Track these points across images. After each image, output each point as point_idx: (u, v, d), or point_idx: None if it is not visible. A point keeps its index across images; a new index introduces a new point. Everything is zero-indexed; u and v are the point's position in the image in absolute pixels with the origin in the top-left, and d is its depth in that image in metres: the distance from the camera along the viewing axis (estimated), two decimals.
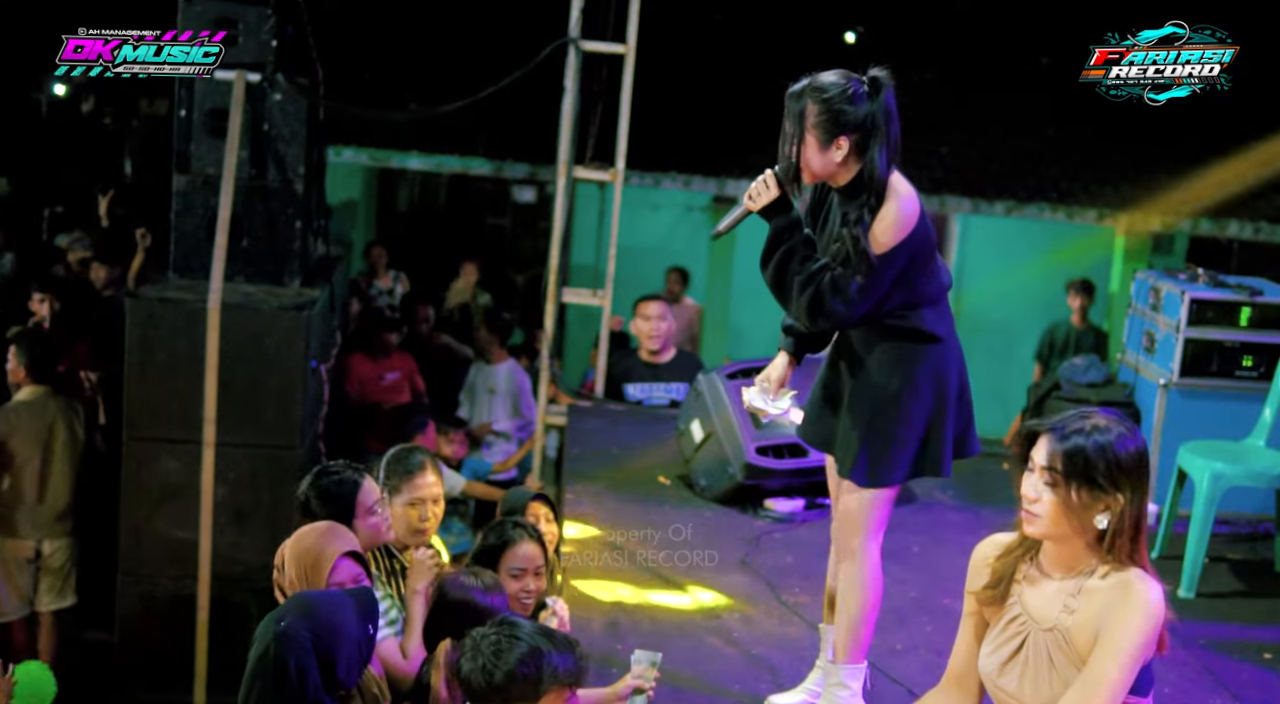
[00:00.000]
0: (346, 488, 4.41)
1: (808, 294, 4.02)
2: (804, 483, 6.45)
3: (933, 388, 4.14)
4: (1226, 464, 5.90)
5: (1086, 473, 2.98)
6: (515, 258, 15.88)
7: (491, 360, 9.52)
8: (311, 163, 7.74)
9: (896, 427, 4.13)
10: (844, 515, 4.30)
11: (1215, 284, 6.96)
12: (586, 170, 8.45)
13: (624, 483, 6.75)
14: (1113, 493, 3.00)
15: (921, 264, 4.10)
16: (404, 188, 16.61)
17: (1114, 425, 3.04)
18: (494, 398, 9.45)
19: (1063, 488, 3.00)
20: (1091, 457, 2.99)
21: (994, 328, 13.86)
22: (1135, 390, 7.18)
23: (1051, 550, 3.10)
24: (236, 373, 7.13)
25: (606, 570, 5.71)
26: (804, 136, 4.02)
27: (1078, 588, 3.04)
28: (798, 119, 4.03)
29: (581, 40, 8.17)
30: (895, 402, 4.13)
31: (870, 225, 3.98)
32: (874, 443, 4.15)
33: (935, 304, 4.17)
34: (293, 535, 4.00)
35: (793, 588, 5.59)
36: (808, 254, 4.05)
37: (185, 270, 7.55)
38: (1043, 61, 13.85)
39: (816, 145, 4.01)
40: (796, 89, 4.08)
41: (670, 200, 14.62)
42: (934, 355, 4.14)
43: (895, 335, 4.13)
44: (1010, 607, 3.13)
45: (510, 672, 3.21)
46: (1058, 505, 3.01)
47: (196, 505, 7.06)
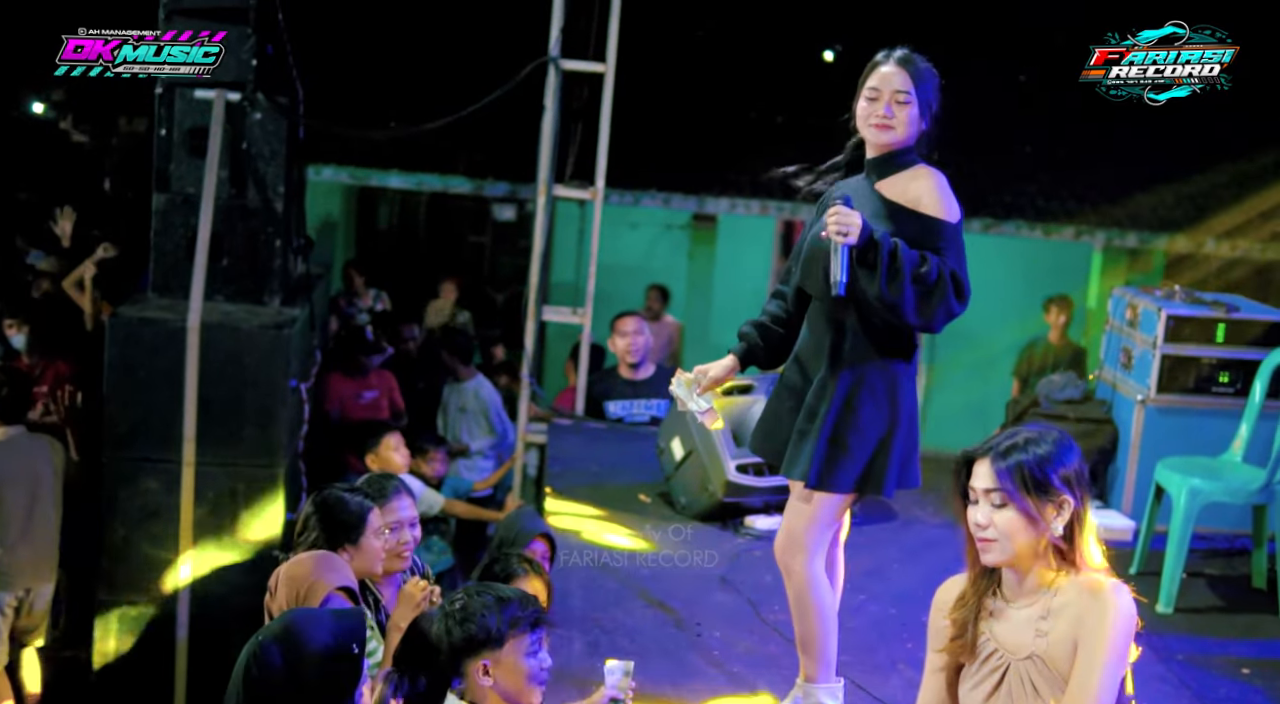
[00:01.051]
0: (353, 511, 4.41)
1: (944, 288, 4.00)
2: (784, 500, 6.43)
3: (889, 405, 4.19)
4: (1204, 480, 5.93)
5: (1032, 483, 3.00)
6: (495, 276, 15.89)
7: (460, 378, 9.49)
8: (291, 181, 7.74)
9: (850, 435, 4.17)
10: (787, 534, 4.33)
11: (1192, 301, 7.01)
12: (566, 188, 8.47)
13: (605, 500, 6.76)
14: (1060, 497, 3.02)
15: None
16: (384, 206, 16.61)
17: (1045, 435, 3.07)
18: (465, 415, 9.44)
19: (1014, 504, 3.01)
20: (1033, 467, 3.01)
21: (972, 345, 13.90)
22: (1113, 407, 7.21)
23: (1011, 579, 3.11)
24: (216, 392, 7.12)
25: (586, 588, 5.72)
26: (915, 100, 4.18)
27: (1044, 610, 3.05)
28: (912, 81, 4.18)
29: (561, 59, 8.20)
30: (854, 410, 4.17)
31: (927, 197, 4.13)
32: (827, 447, 4.18)
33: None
34: (289, 561, 4.00)
35: (773, 606, 5.59)
36: (911, 254, 4.01)
37: (165, 289, 7.54)
38: (1020, 79, 13.94)
39: (921, 109, 4.20)
40: (903, 55, 4.22)
41: (650, 218, 14.65)
42: (898, 372, 4.20)
43: (864, 347, 4.18)
44: (983, 645, 3.13)
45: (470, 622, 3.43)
46: (1012, 523, 3.02)
47: (176, 525, 7.04)
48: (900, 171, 4.19)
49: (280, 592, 3.90)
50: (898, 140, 4.19)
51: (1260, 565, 6.17)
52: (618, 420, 7.95)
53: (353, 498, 4.49)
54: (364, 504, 4.45)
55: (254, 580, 6.30)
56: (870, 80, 4.20)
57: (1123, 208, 12.93)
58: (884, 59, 4.21)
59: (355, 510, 4.43)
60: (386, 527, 4.61)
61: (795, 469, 4.24)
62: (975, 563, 3.13)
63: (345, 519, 4.41)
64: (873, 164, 4.23)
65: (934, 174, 4.20)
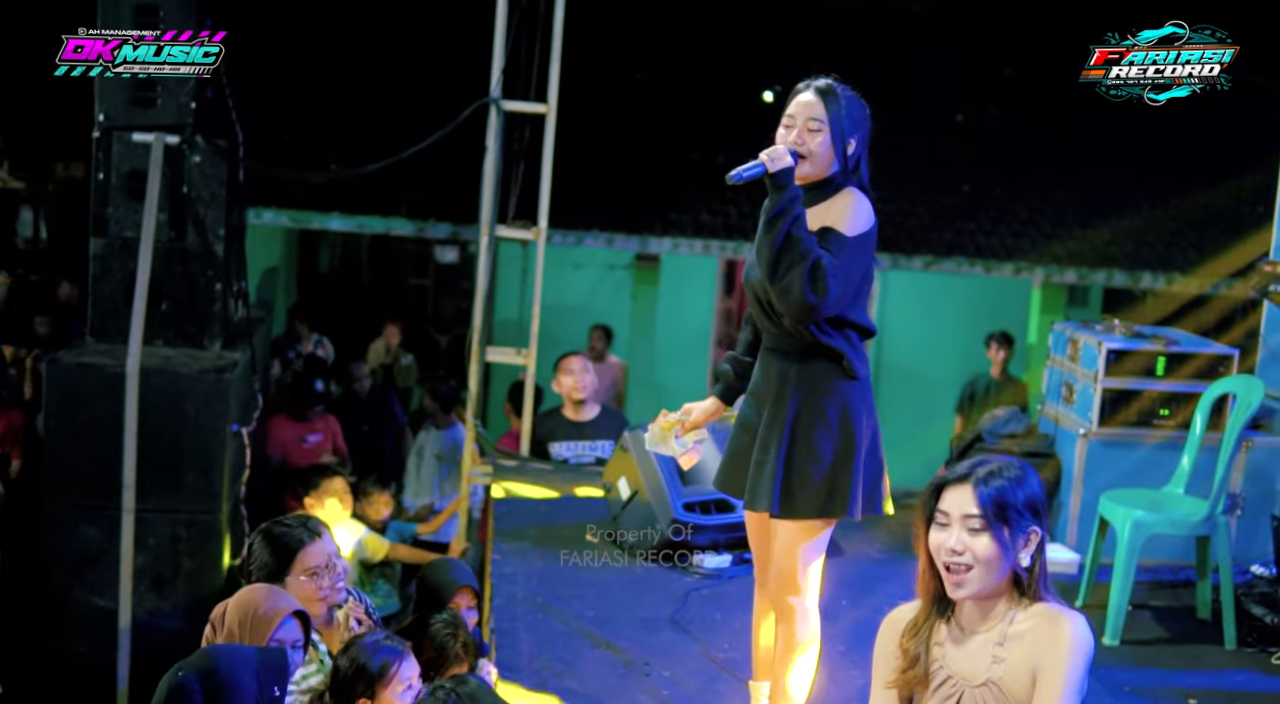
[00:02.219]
0: (292, 540, 4.35)
1: (810, 259, 4.04)
2: (731, 538, 6.45)
3: (841, 427, 4.20)
4: (1147, 512, 5.97)
5: (1011, 511, 3.01)
6: (438, 318, 15.84)
7: (440, 425, 9.49)
8: (231, 225, 7.69)
9: (805, 461, 4.19)
10: (777, 569, 4.31)
11: (1131, 335, 7.07)
12: (509, 229, 8.46)
13: (551, 541, 6.72)
14: (1032, 527, 3.04)
15: (870, 281, 4.25)
16: (325, 249, 16.55)
17: (1013, 465, 3.09)
18: (441, 464, 9.41)
19: (991, 531, 3.01)
20: (1013, 495, 3.02)
21: (915, 381, 14.00)
22: (1056, 441, 7.26)
23: (972, 610, 3.10)
24: (156, 438, 7.04)
25: (533, 630, 5.67)
26: (826, 129, 4.18)
27: (1001, 636, 3.05)
28: (825, 110, 4.18)
29: (503, 100, 8.20)
30: (806, 435, 4.19)
31: (837, 212, 4.16)
32: (784, 474, 4.20)
33: (858, 342, 4.27)
34: (236, 594, 3.95)
35: (722, 644, 5.57)
36: (806, 228, 4.11)
37: (104, 334, 7.46)
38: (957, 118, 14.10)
39: (833, 138, 4.18)
40: (822, 84, 4.23)
41: (593, 258, 14.67)
42: (847, 392, 4.21)
43: (810, 373, 4.21)
44: (936, 674, 3.12)
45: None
46: (989, 550, 3.01)
47: (116, 573, 6.94)
48: (824, 200, 4.22)
49: (230, 619, 3.83)
50: (812, 169, 4.21)
51: (1204, 596, 6.21)
52: (563, 462, 7.92)
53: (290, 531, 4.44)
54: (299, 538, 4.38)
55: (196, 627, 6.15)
56: (789, 108, 4.24)
57: (1061, 244, 13.08)
58: (804, 87, 4.25)
59: (286, 542, 4.38)
60: (304, 572, 4.42)
61: (758, 502, 4.26)
62: (927, 591, 3.12)
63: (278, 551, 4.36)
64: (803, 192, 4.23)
65: (853, 195, 4.22)
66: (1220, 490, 5.93)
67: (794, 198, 4.10)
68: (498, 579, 6.21)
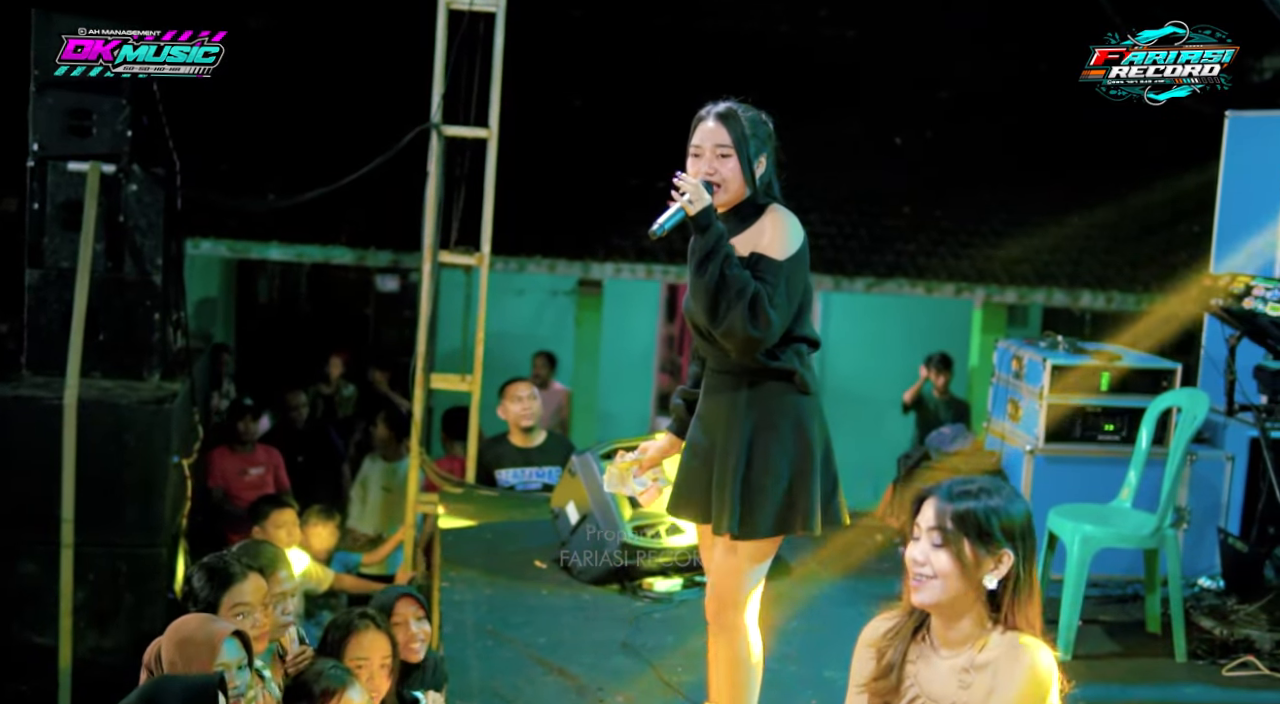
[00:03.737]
0: (220, 575, 4.30)
1: (747, 295, 4.00)
2: (682, 561, 6.42)
3: (795, 440, 4.19)
4: (1096, 526, 5.99)
5: (975, 530, 3.00)
6: (380, 348, 15.72)
7: (389, 457, 9.39)
8: (169, 254, 7.58)
9: (763, 478, 4.17)
10: (717, 589, 4.31)
11: (1075, 351, 7.11)
12: (452, 254, 8.41)
13: (500, 568, 6.66)
14: (1001, 550, 3.01)
15: (808, 294, 4.23)
16: (264, 280, 16.40)
17: (998, 488, 3.08)
18: (390, 496, 9.30)
19: (953, 546, 3.00)
20: (980, 515, 3.01)
21: (859, 402, 14.03)
22: (1002, 458, 7.28)
23: (940, 627, 3.09)
24: (95, 470, 6.90)
25: (484, 657, 5.61)
26: (735, 153, 4.15)
27: (970, 662, 3.03)
28: (730, 135, 4.15)
29: (444, 125, 8.17)
30: (761, 453, 4.17)
31: (766, 235, 4.12)
32: (742, 494, 4.17)
33: (807, 355, 4.26)
34: (169, 627, 3.86)
35: (675, 668, 5.53)
36: (737, 264, 4.07)
37: (40, 367, 7.33)
38: (896, 142, 14.21)
39: (741, 162, 4.15)
40: (722, 110, 4.20)
41: (535, 284, 14.63)
42: (800, 407, 4.20)
43: (758, 391, 4.19)
44: (907, 689, 3.11)
45: None
46: (948, 565, 3.00)
47: (56, 610, 6.81)
48: (747, 225, 4.18)
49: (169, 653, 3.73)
50: (728, 194, 4.19)
51: (1154, 610, 6.23)
52: (510, 489, 7.86)
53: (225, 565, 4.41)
54: (228, 574, 4.37)
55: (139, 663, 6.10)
56: (694, 137, 4.22)
57: (1000, 264, 13.18)
58: (705, 114, 4.23)
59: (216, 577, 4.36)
60: (230, 609, 4.35)
61: (721, 524, 4.22)
62: (907, 601, 3.11)
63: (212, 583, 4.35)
64: (723, 220, 4.18)
65: (776, 214, 4.19)
66: (1168, 503, 5.96)
67: (720, 236, 4.07)
68: (447, 607, 6.14)
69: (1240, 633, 6.06)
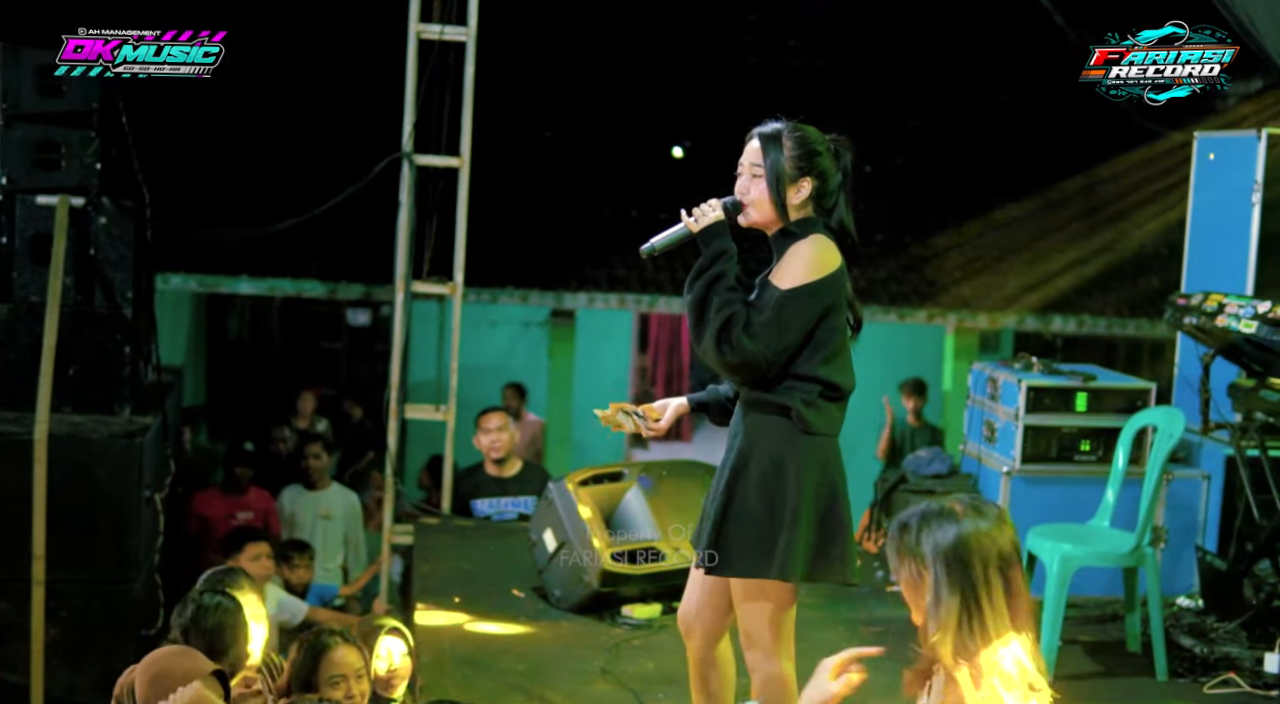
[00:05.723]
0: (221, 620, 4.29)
1: (721, 318, 3.90)
2: (661, 587, 6.37)
3: (777, 476, 3.99)
4: (1074, 546, 5.98)
5: (905, 546, 2.87)
6: (352, 382, 15.66)
7: (318, 486, 9.14)
8: (140, 287, 7.54)
9: (740, 514, 4.02)
10: (743, 634, 4.12)
11: (1050, 372, 7.12)
12: (425, 284, 8.39)
13: (477, 597, 6.61)
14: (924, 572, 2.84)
15: (833, 333, 4.07)
16: (235, 315, 16.33)
17: (934, 510, 2.88)
18: (331, 523, 9.16)
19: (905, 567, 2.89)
20: (908, 535, 2.87)
21: None
22: (979, 480, 7.27)
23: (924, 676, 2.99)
24: (67, 506, 6.81)
25: (463, 686, 5.56)
26: (765, 175, 4.04)
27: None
28: (763, 156, 4.06)
29: (415, 155, 8.15)
30: (743, 484, 4.03)
31: (784, 264, 4.00)
32: (718, 528, 4.04)
33: (836, 400, 4.11)
34: (145, 659, 3.79)
35: (656, 694, 5.50)
36: (735, 285, 3.97)
37: (10, 402, 7.24)
38: (866, 169, 14.24)
39: (769, 184, 4.03)
40: (769, 129, 4.11)
41: (508, 316, 14.60)
42: (798, 447, 4.00)
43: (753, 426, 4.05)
44: None
45: None
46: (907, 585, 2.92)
47: (27, 648, 6.72)
48: (782, 253, 4.06)
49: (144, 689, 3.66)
50: (759, 215, 4.09)
51: (1134, 629, 6.22)
52: (485, 518, 7.82)
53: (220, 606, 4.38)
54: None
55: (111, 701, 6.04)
56: (743, 153, 4.15)
57: (971, 290, 13.22)
58: (753, 132, 4.15)
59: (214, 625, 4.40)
60: None
61: (696, 554, 4.13)
62: None
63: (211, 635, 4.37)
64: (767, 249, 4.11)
65: (807, 244, 4.03)
66: (1146, 522, 5.96)
67: (719, 254, 3.98)
68: (424, 635, 6.08)
69: (1221, 651, 6.05)
